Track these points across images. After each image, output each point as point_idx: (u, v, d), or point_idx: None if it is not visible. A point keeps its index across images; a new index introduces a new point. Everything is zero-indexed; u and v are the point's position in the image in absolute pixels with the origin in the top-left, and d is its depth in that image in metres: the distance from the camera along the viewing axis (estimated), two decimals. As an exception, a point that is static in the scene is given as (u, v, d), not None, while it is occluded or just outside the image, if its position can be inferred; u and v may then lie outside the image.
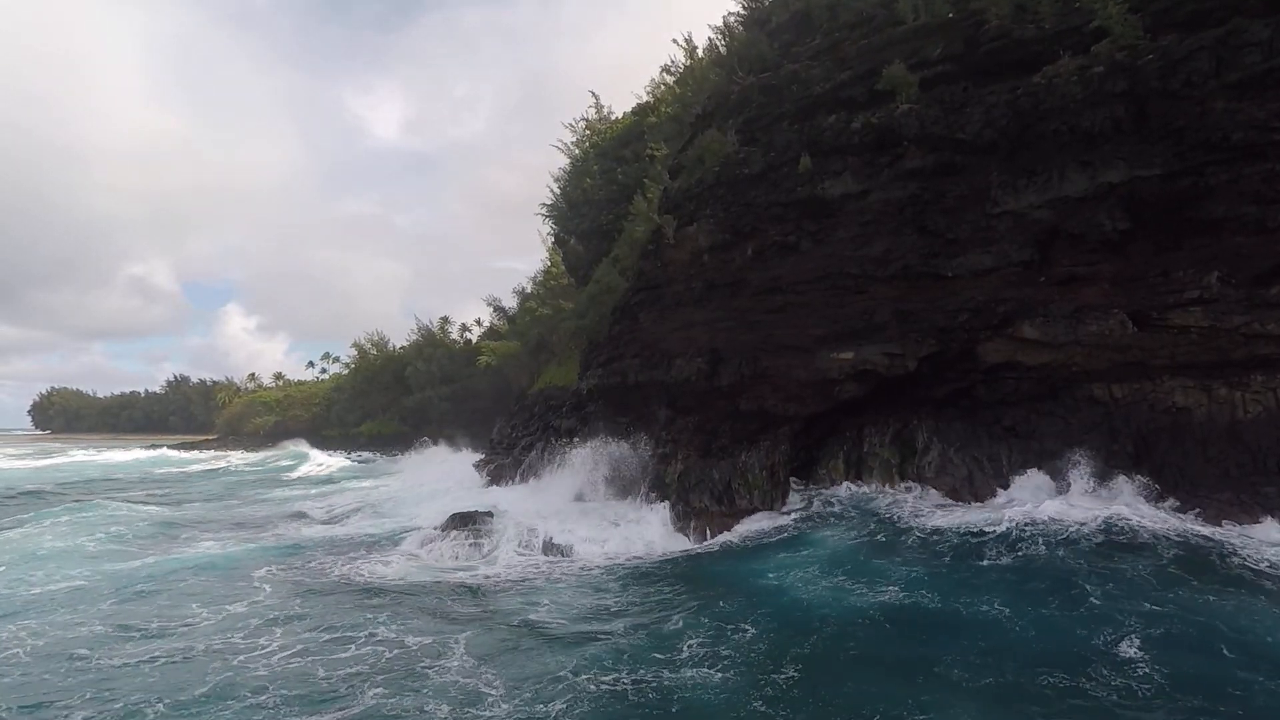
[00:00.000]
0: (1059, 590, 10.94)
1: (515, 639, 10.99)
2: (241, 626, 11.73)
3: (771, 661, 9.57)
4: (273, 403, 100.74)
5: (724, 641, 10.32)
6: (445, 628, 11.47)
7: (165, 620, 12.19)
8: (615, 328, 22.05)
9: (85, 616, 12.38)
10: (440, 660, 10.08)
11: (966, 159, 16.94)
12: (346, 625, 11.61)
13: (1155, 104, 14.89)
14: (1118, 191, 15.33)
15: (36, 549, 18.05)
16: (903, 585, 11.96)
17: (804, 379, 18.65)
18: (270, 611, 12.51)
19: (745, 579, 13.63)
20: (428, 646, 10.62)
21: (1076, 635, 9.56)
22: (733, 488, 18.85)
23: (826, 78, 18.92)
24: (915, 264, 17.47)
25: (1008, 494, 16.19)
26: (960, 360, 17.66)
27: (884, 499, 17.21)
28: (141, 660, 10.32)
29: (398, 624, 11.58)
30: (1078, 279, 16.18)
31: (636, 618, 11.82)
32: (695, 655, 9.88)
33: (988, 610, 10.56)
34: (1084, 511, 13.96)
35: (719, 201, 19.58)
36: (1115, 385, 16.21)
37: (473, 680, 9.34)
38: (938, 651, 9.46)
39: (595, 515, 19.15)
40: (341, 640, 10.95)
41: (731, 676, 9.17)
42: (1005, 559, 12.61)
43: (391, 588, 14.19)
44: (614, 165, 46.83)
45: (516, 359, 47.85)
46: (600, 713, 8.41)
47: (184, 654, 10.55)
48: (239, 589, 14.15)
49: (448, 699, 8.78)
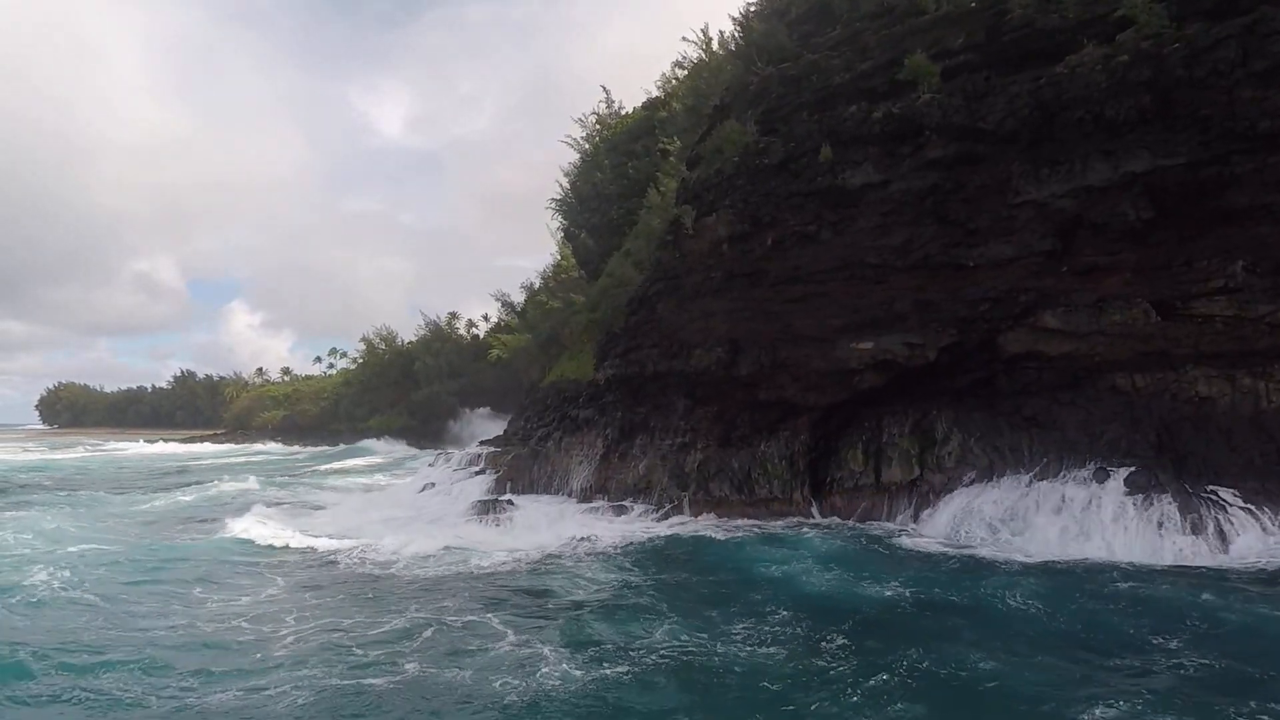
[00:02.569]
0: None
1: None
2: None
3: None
4: (280, 397, 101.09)
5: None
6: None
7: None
8: (632, 318, 22.10)
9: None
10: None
11: (988, 149, 16.91)
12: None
13: (1180, 93, 14.84)
14: (1142, 181, 15.28)
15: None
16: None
17: (823, 369, 18.71)
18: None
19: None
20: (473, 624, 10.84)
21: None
22: (752, 477, 18.96)
23: (847, 68, 18.91)
24: (936, 254, 17.46)
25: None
26: (981, 350, 17.69)
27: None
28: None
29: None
30: (1100, 269, 16.18)
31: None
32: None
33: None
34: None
35: (738, 192, 19.58)
36: (1138, 375, 16.23)
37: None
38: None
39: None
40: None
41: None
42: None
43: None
44: (624, 160, 46.83)
45: (527, 352, 47.91)
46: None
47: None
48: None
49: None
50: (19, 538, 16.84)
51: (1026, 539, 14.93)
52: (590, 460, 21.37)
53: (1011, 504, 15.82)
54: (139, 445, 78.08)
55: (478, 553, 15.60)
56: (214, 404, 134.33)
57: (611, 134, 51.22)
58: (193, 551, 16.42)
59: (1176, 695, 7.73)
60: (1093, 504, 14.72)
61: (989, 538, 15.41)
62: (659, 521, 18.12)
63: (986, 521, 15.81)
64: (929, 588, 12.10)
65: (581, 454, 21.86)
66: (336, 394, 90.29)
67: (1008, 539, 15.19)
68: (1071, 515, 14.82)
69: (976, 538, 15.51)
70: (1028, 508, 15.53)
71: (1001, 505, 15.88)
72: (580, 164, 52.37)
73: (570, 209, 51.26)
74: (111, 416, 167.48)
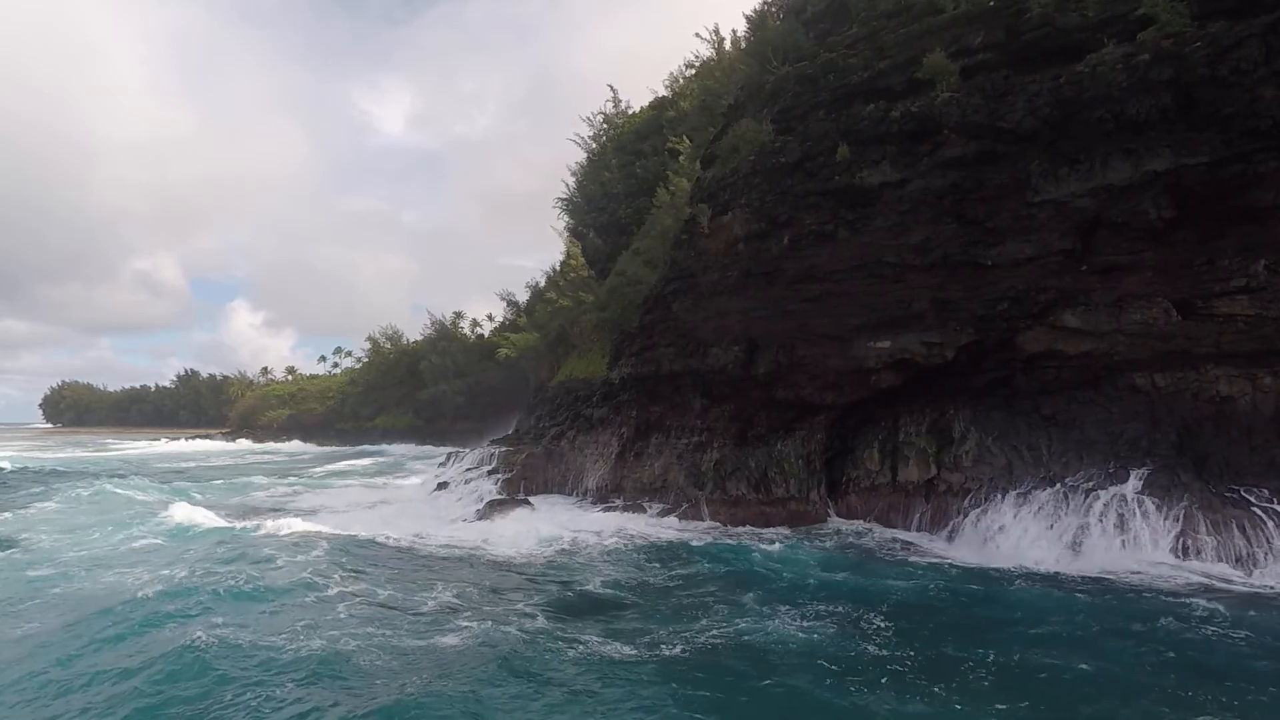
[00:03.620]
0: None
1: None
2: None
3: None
4: (286, 396, 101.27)
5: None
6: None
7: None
8: (647, 317, 22.10)
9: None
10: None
11: (1007, 147, 16.88)
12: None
13: (1202, 91, 14.79)
14: (1163, 179, 15.24)
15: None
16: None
17: (841, 368, 18.70)
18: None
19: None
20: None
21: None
22: (769, 476, 18.95)
23: (864, 66, 18.89)
24: (954, 253, 17.43)
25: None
26: (999, 349, 17.66)
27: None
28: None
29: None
30: (1120, 268, 16.14)
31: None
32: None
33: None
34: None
35: (754, 191, 19.57)
36: (1158, 374, 16.20)
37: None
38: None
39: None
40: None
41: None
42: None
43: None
44: (632, 159, 46.90)
45: (535, 351, 47.89)
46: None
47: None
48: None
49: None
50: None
51: (1077, 556, 14.60)
52: (605, 459, 21.37)
53: (1048, 515, 15.65)
54: (163, 444, 77.33)
55: (496, 551, 15.65)
56: (218, 403, 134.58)
57: (619, 133, 51.28)
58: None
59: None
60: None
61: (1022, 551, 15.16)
62: (677, 520, 18.10)
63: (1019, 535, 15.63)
64: (952, 612, 11.69)
65: (596, 453, 21.85)
66: (342, 393, 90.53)
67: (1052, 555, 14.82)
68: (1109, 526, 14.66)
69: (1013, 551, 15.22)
70: (1065, 519, 15.36)
71: (1035, 517, 15.68)
72: (587, 163, 52.45)
73: (577, 208, 51.31)
74: (115, 415, 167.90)
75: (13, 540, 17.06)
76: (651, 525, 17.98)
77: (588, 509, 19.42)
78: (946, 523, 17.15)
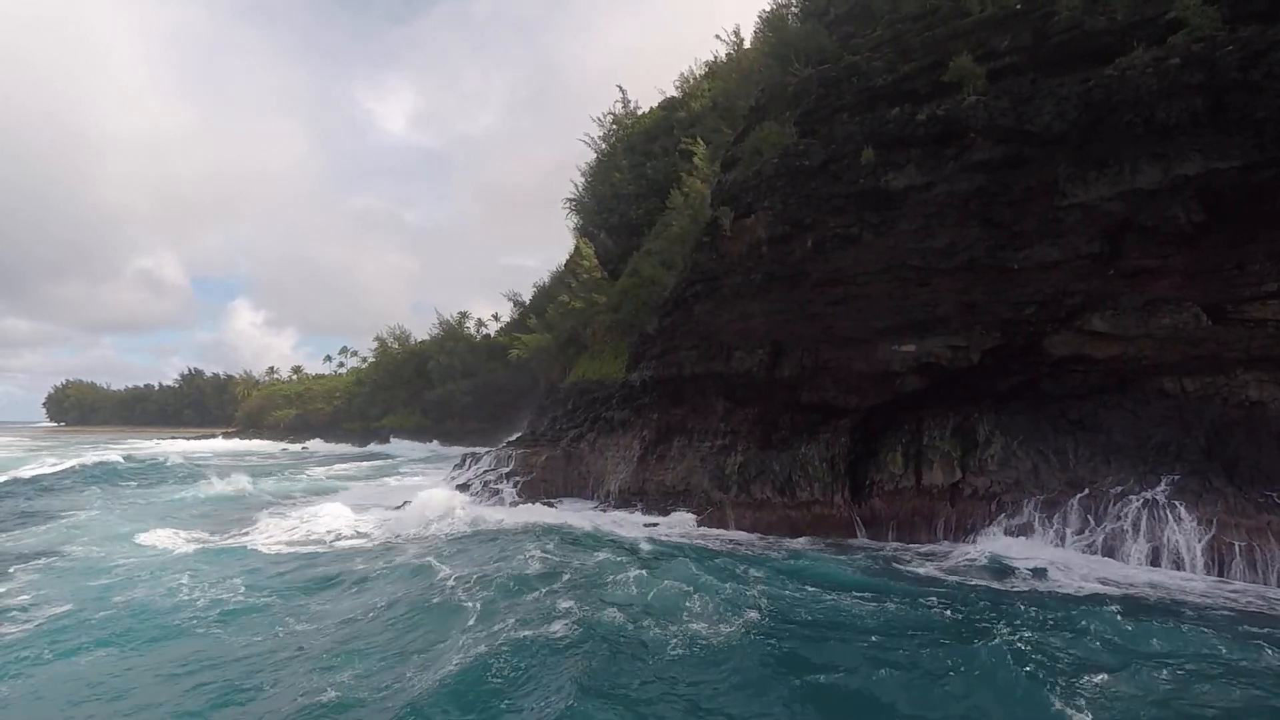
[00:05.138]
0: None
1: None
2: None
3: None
4: (292, 395, 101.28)
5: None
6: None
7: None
8: (667, 319, 22.08)
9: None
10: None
11: (1035, 151, 16.86)
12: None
13: (1234, 96, 14.77)
14: (1193, 184, 15.22)
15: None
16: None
17: (865, 371, 18.69)
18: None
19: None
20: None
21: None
22: (793, 479, 18.91)
23: (889, 69, 18.87)
24: (980, 256, 17.42)
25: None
26: (1025, 353, 17.64)
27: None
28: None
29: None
30: (1148, 271, 16.11)
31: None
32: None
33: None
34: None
35: (777, 193, 19.56)
36: (1186, 378, 16.15)
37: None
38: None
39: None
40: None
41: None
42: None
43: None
44: (643, 160, 46.87)
45: (547, 352, 47.84)
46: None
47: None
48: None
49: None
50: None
51: (1107, 561, 14.54)
52: (627, 462, 21.35)
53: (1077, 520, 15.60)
54: (185, 443, 77.14)
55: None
56: (221, 402, 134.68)
57: (629, 134, 51.23)
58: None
59: None
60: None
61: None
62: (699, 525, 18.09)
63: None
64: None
65: (617, 455, 21.84)
66: (349, 393, 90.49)
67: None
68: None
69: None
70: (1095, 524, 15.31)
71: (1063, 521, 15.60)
72: (597, 164, 52.41)
73: (586, 208, 51.27)
74: (119, 414, 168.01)
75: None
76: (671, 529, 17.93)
77: (610, 512, 19.41)
78: (973, 526, 17.13)
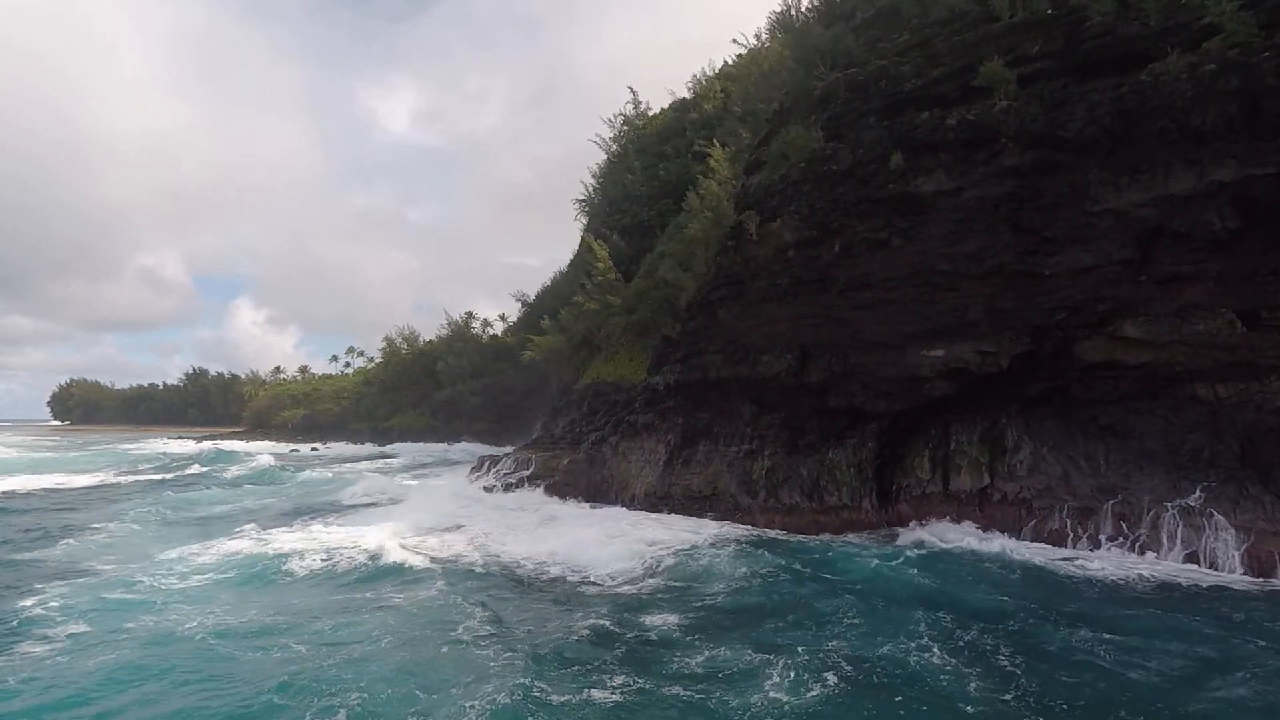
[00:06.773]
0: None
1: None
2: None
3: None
4: (300, 395, 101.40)
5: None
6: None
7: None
8: (691, 323, 22.07)
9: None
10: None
11: (1066, 156, 16.80)
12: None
13: (1270, 101, 14.70)
14: (1228, 190, 15.16)
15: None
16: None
17: (893, 376, 18.67)
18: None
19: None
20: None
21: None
22: (821, 484, 18.92)
23: (918, 74, 18.82)
24: (1010, 262, 17.38)
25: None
26: (1055, 359, 17.61)
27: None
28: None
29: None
30: (1181, 278, 16.06)
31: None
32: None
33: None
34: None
35: (804, 198, 19.53)
36: (1220, 385, 16.14)
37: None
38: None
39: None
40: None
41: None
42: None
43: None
44: (655, 161, 46.85)
45: (560, 353, 47.80)
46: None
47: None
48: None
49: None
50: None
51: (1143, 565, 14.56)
52: (653, 466, 21.34)
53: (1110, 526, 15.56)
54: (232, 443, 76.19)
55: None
56: (226, 401, 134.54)
57: (640, 135, 51.20)
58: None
59: None
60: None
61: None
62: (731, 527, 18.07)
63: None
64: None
65: (642, 459, 21.82)
66: (357, 393, 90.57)
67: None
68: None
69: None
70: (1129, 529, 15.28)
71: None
72: (607, 164, 52.40)
73: (597, 209, 51.25)
74: (123, 413, 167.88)
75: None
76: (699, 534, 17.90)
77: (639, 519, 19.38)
78: (1002, 531, 17.13)
